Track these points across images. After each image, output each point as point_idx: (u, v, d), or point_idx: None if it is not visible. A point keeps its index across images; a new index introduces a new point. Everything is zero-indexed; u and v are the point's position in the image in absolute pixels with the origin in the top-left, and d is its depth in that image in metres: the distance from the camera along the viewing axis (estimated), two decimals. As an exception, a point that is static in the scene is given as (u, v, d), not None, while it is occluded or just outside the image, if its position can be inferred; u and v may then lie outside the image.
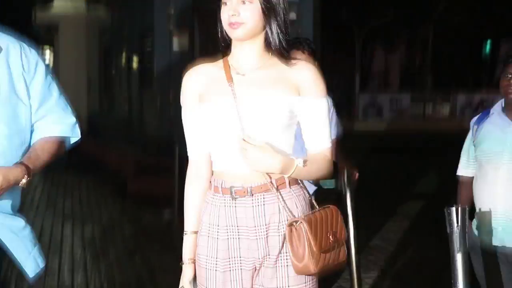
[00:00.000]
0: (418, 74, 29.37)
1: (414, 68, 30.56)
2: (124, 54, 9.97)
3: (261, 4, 1.90)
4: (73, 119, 2.29)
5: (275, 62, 1.98)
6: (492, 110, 2.99)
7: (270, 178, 1.94)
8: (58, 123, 2.24)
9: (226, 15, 1.91)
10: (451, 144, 4.27)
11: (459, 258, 2.31)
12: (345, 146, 3.99)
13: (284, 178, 1.96)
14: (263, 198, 1.95)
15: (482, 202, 2.95)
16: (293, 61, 1.99)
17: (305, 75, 1.98)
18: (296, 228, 1.87)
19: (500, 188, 2.88)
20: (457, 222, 2.35)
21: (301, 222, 1.88)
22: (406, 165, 11.27)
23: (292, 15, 9.20)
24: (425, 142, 15.28)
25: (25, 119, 2.16)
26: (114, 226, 6.94)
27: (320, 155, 2.02)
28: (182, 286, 2.07)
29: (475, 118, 3.10)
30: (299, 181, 2.03)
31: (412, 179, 9.96)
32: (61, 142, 2.27)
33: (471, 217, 2.93)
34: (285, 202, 1.94)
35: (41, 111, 2.20)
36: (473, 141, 3.03)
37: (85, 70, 12.46)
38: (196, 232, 2.04)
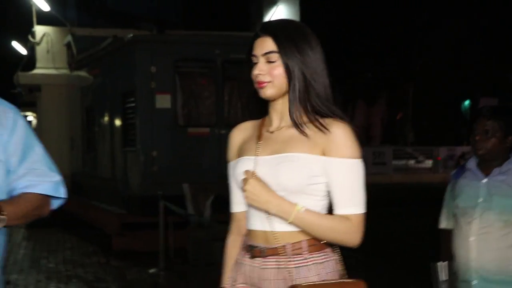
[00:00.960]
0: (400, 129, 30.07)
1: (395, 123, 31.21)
2: (107, 113, 10.09)
3: (283, 64, 1.88)
4: (58, 178, 2.17)
5: (308, 120, 1.91)
6: (467, 165, 3.03)
7: (284, 243, 1.87)
8: (41, 181, 2.11)
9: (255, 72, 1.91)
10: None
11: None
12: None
13: (301, 243, 1.87)
14: (276, 261, 1.88)
15: (458, 255, 2.98)
16: (324, 121, 1.89)
17: (333, 134, 1.87)
18: None
19: (472, 242, 2.91)
20: (442, 277, 2.40)
21: None
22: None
23: None
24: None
25: (2, 176, 2.06)
26: (99, 283, 6.91)
27: (342, 217, 1.88)
28: None
29: (453, 172, 3.18)
30: (327, 246, 1.92)
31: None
32: (45, 199, 2.14)
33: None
34: (296, 269, 1.86)
35: (22, 169, 2.10)
36: (451, 194, 3.08)
37: (68, 129, 12.57)
38: None
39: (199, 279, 6.97)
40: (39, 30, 13.53)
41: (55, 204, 2.19)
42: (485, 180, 2.91)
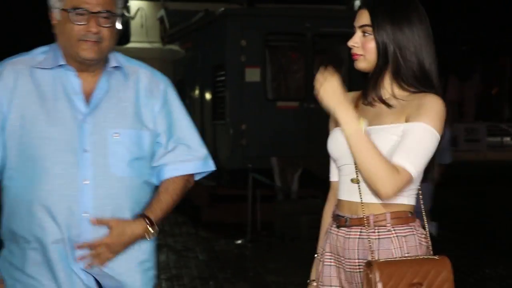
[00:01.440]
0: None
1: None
2: (197, 86, 10.30)
3: (375, 39, 1.89)
4: (205, 151, 2.18)
5: (406, 94, 1.93)
6: None
7: (368, 214, 1.88)
8: (190, 159, 2.14)
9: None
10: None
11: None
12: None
13: (385, 215, 1.89)
14: (359, 231, 1.91)
15: None
16: (415, 96, 1.91)
17: (421, 103, 1.88)
18: (370, 272, 1.80)
19: None
20: None
21: (374, 267, 1.79)
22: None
23: None
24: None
25: (148, 145, 2.09)
26: (188, 252, 7.15)
27: (393, 164, 1.84)
28: None
29: None
30: (413, 220, 1.92)
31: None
32: (190, 178, 2.18)
33: None
34: (378, 241, 1.87)
35: (171, 142, 2.13)
36: None
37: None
38: None
39: (284, 252, 7.07)
40: (134, 4, 13.96)
41: (199, 176, 2.21)
42: None
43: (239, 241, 7.45)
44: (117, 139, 2.02)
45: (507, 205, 10.15)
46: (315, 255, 2.11)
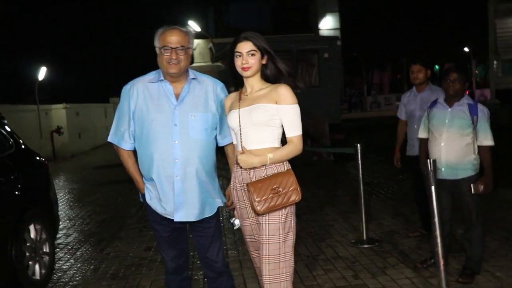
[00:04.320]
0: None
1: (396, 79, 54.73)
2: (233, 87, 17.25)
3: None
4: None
5: (266, 86, 3.15)
6: (438, 100, 4.70)
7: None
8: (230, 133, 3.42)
9: (239, 62, 3.10)
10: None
11: (433, 189, 4.17)
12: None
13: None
14: (254, 170, 3.12)
15: (432, 154, 4.63)
16: (274, 86, 3.10)
17: (279, 91, 3.06)
18: (248, 187, 3.09)
19: (443, 146, 4.56)
20: (430, 168, 4.14)
21: (249, 185, 3.07)
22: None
23: (326, 55, 15.65)
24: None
25: (211, 122, 3.36)
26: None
27: (290, 143, 3.11)
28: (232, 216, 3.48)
29: (429, 104, 4.89)
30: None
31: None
32: (232, 145, 3.48)
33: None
34: (265, 170, 3.10)
35: (223, 124, 3.41)
36: (427, 117, 4.78)
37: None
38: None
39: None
40: (195, 41, 21.83)
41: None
42: (449, 109, 4.58)
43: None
44: (193, 118, 3.32)
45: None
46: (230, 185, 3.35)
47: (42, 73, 21.12)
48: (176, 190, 3.31)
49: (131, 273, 5.64)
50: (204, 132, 3.35)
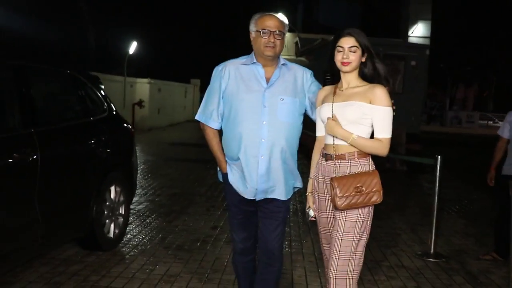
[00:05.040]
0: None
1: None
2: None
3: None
4: None
5: (363, 84, 3.16)
6: None
7: (344, 152, 3.10)
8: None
9: (340, 57, 3.12)
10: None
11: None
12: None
13: (354, 153, 3.11)
14: (340, 162, 3.12)
15: None
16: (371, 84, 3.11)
17: (375, 91, 3.07)
18: (331, 182, 3.08)
19: None
20: None
21: (333, 179, 3.03)
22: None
23: (413, 63, 15.29)
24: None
25: (299, 106, 3.44)
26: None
27: (377, 140, 3.08)
28: (308, 206, 3.41)
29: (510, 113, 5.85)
30: (369, 158, 3.14)
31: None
32: None
33: None
34: (350, 167, 3.11)
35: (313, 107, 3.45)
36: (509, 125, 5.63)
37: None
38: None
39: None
40: None
41: None
42: None
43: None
44: (282, 101, 3.40)
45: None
46: (309, 178, 3.35)
47: (132, 47, 21.75)
48: (260, 170, 3.39)
49: (196, 248, 5.80)
50: (292, 115, 3.44)
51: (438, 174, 5.88)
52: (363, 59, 3.19)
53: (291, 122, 3.45)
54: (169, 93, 24.02)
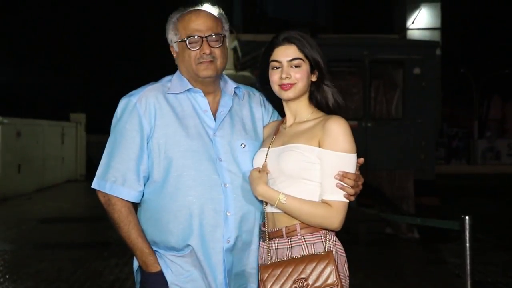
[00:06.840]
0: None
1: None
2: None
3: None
4: None
5: (316, 116, 2.27)
6: None
7: (281, 226, 2.19)
8: None
9: (276, 77, 2.28)
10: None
11: None
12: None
13: (295, 226, 2.16)
14: (276, 242, 2.22)
15: None
16: (322, 116, 2.23)
17: (326, 127, 2.16)
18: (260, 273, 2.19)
19: None
20: None
21: (261, 269, 2.19)
22: None
23: (416, 70, 10.48)
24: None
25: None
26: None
27: (323, 205, 2.14)
28: None
29: None
30: (321, 230, 2.16)
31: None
32: None
33: None
34: (291, 248, 2.17)
35: None
36: None
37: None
38: None
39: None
40: None
41: None
42: None
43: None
44: (244, 149, 2.36)
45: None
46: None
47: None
48: (227, 262, 2.28)
49: None
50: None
51: (468, 243, 4.15)
52: (313, 78, 2.29)
53: None
54: (36, 138, 16.87)
